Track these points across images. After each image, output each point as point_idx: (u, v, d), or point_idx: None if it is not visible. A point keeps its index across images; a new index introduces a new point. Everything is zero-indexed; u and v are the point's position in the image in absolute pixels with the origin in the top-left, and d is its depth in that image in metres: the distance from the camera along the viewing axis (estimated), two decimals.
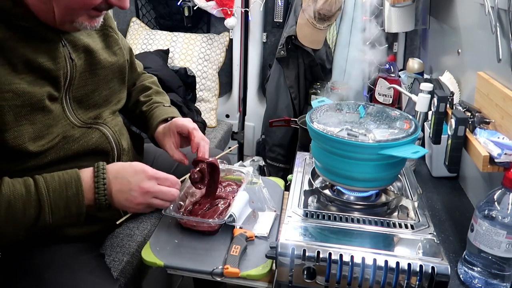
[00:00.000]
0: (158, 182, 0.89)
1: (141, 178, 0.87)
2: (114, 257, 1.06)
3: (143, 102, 1.19)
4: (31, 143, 0.84)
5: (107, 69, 1.02)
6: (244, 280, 0.91)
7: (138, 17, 2.41)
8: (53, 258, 0.90)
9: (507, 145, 0.88)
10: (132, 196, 0.87)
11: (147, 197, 0.88)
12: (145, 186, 0.87)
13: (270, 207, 1.09)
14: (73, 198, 0.83)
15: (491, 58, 1.01)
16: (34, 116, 0.84)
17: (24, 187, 0.80)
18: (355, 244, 0.84)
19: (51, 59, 0.87)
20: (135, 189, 0.87)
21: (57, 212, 0.82)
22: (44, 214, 0.80)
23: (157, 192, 0.89)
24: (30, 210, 0.79)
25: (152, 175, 0.89)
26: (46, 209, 0.80)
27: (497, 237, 0.79)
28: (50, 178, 0.83)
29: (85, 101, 0.97)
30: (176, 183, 0.93)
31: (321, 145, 0.97)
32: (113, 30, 1.06)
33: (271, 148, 2.16)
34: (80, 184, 0.83)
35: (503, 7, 0.96)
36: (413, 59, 1.73)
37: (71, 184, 0.83)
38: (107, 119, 1.02)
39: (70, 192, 0.83)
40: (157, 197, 0.89)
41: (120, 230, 1.15)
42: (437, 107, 1.09)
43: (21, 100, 0.81)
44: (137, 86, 1.24)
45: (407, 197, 1.01)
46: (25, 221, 0.79)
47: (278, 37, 2.23)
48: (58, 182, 0.83)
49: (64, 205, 0.82)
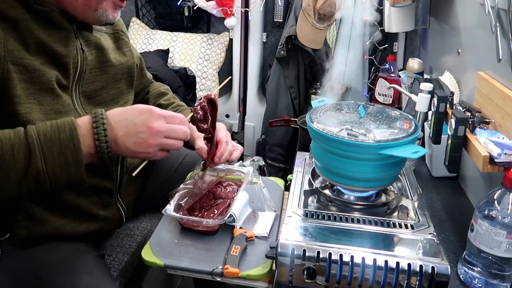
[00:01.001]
0: (166, 120, 0.82)
1: (148, 118, 0.80)
2: (114, 257, 1.06)
3: (166, 105, 1.20)
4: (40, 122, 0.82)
5: (116, 68, 1.03)
6: (244, 280, 0.91)
7: (138, 17, 2.41)
8: (53, 258, 0.90)
9: (507, 145, 0.88)
10: (141, 139, 0.80)
11: (158, 137, 0.81)
12: (154, 126, 0.80)
13: (270, 207, 1.09)
14: (67, 142, 0.76)
15: (491, 58, 1.01)
16: (42, 97, 0.84)
17: (12, 132, 0.76)
18: (355, 244, 0.84)
19: (63, 45, 0.88)
20: (144, 130, 0.80)
21: (51, 157, 0.75)
22: (35, 158, 0.74)
23: (167, 130, 0.82)
24: (20, 153, 0.74)
25: (159, 114, 0.82)
26: (37, 152, 0.75)
27: (497, 237, 0.79)
28: (42, 124, 0.78)
29: (93, 97, 0.98)
30: (184, 120, 0.86)
31: (321, 145, 0.97)
32: (124, 34, 1.09)
33: (271, 148, 2.16)
34: (74, 128, 0.77)
35: (503, 7, 0.96)
36: (413, 59, 1.73)
37: (64, 128, 0.77)
38: None
39: (63, 136, 0.76)
40: (169, 136, 0.82)
41: (120, 230, 1.15)
42: (437, 107, 1.09)
43: (29, 76, 0.82)
44: (153, 92, 1.25)
45: (407, 197, 1.01)
46: (15, 166, 0.74)
47: (278, 37, 2.23)
48: (50, 126, 0.77)
49: (57, 149, 0.76)
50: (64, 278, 0.85)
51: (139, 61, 1.21)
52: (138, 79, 1.18)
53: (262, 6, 2.12)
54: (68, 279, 0.85)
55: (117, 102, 1.05)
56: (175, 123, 0.84)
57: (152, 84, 1.29)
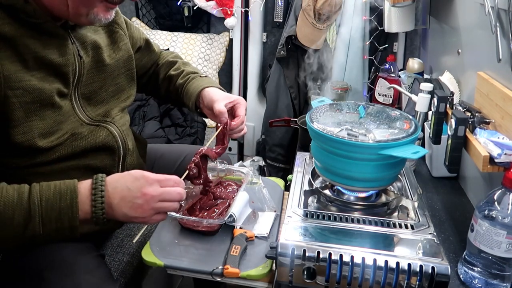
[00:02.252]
0: (160, 184, 0.85)
1: (142, 184, 0.83)
2: (114, 257, 1.06)
3: (177, 75, 1.21)
4: (40, 139, 0.84)
5: (112, 65, 1.03)
6: (244, 280, 0.91)
7: (138, 17, 2.41)
8: (53, 258, 0.90)
9: (507, 145, 0.88)
10: (137, 204, 0.83)
11: (152, 202, 0.84)
12: (148, 191, 0.83)
13: (270, 207, 1.09)
14: (66, 210, 0.80)
15: (491, 58, 1.01)
16: (44, 112, 0.85)
17: (17, 193, 0.78)
18: (355, 244, 0.84)
19: (61, 55, 0.88)
20: (138, 196, 0.83)
21: (48, 223, 0.79)
22: (34, 223, 0.78)
23: (161, 194, 0.85)
24: (20, 217, 0.77)
25: (153, 179, 0.85)
26: (36, 218, 0.78)
27: (497, 237, 0.79)
28: (46, 187, 0.81)
29: (93, 98, 0.98)
30: (179, 181, 0.89)
31: (321, 145, 0.97)
32: (119, 26, 1.08)
33: (271, 148, 2.16)
34: (75, 196, 0.80)
35: (503, 7, 0.96)
36: (413, 59, 1.73)
37: (66, 195, 0.80)
38: (116, 118, 1.03)
39: (63, 204, 0.80)
40: (164, 199, 0.85)
41: (120, 230, 1.15)
42: (437, 107, 1.09)
43: (31, 96, 0.82)
44: (162, 63, 1.26)
45: (407, 197, 1.01)
46: (13, 227, 0.77)
47: (278, 37, 2.23)
48: (53, 191, 0.80)
49: (56, 216, 0.79)
50: (64, 278, 0.85)
51: (143, 41, 1.20)
52: (147, 56, 1.22)
53: (262, 6, 2.12)
54: (69, 279, 0.85)
55: (118, 98, 1.05)
56: (169, 185, 0.86)
57: (161, 54, 1.29)
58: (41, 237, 0.80)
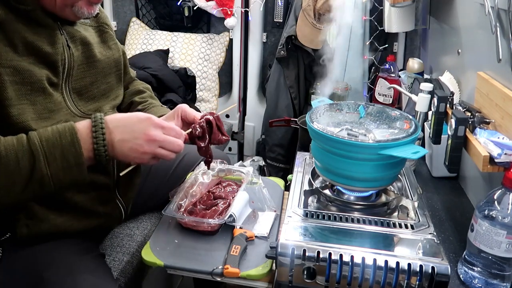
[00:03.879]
0: (163, 131, 0.85)
1: (147, 125, 0.84)
2: (114, 257, 1.06)
3: (139, 102, 1.18)
4: (34, 122, 0.84)
5: (103, 62, 1.03)
6: (244, 280, 0.91)
7: (138, 17, 2.41)
8: (53, 258, 0.90)
9: (507, 145, 0.88)
10: (137, 145, 0.83)
11: (153, 146, 0.84)
12: (151, 134, 0.83)
13: (270, 207, 1.09)
14: (69, 147, 0.79)
15: (491, 58, 1.01)
16: (34, 97, 0.85)
17: (15, 139, 0.78)
18: (355, 244, 0.84)
19: (50, 44, 0.89)
20: (141, 137, 0.83)
21: (54, 162, 0.78)
22: (39, 163, 0.77)
23: (163, 141, 0.85)
24: (24, 160, 0.76)
25: (158, 123, 0.85)
26: (40, 157, 0.77)
27: (497, 237, 0.79)
28: (43, 130, 0.81)
29: (84, 93, 0.99)
30: (181, 134, 0.89)
31: (321, 145, 0.97)
32: (108, 27, 1.09)
33: (271, 148, 2.16)
34: (74, 132, 0.80)
35: (503, 7, 0.96)
36: (413, 59, 1.73)
37: (65, 133, 0.80)
38: (108, 113, 1.03)
39: (64, 141, 0.79)
40: (163, 147, 0.85)
41: (120, 230, 1.15)
42: (437, 107, 1.09)
43: (20, 77, 0.83)
44: (130, 89, 1.24)
45: (407, 197, 1.01)
46: (20, 172, 0.76)
47: (278, 37, 2.23)
48: (51, 132, 0.80)
49: (60, 154, 0.78)
50: (64, 277, 0.85)
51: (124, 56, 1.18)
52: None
53: (262, 6, 2.12)
54: (69, 278, 0.85)
55: (107, 96, 1.06)
56: (171, 135, 0.86)
57: (134, 82, 1.28)
58: (50, 180, 0.79)
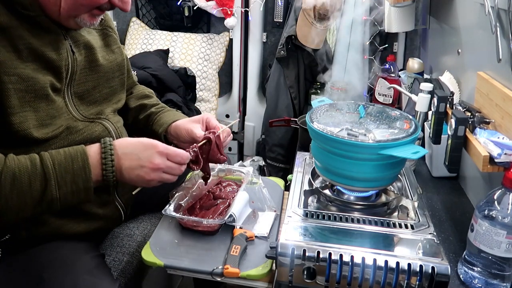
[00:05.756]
0: (168, 158, 0.89)
1: (152, 154, 0.87)
2: (114, 257, 1.06)
3: (151, 105, 1.19)
4: (35, 129, 0.85)
5: (106, 67, 1.03)
6: (244, 280, 0.91)
7: (138, 17, 2.41)
8: (53, 258, 0.90)
9: (507, 145, 0.88)
10: (144, 172, 0.87)
11: (158, 173, 0.88)
12: (156, 162, 0.87)
13: (270, 207, 1.09)
14: (80, 172, 0.82)
15: (491, 58, 1.01)
16: (37, 104, 0.86)
17: (29, 161, 0.80)
18: (355, 244, 0.84)
19: (54, 49, 0.89)
20: (146, 165, 0.87)
21: (64, 186, 0.81)
22: (50, 187, 0.80)
23: (167, 167, 0.89)
24: (36, 182, 0.79)
25: (162, 151, 0.88)
26: (52, 181, 0.80)
27: (497, 237, 0.79)
28: (56, 153, 0.83)
29: (86, 97, 0.99)
30: (186, 158, 0.92)
31: (321, 145, 0.97)
32: (112, 31, 1.09)
33: (271, 148, 2.16)
34: (86, 158, 0.83)
35: (503, 7, 0.96)
36: (413, 59, 1.73)
37: (77, 158, 0.83)
38: (109, 115, 1.04)
39: (76, 166, 0.82)
40: (167, 172, 0.90)
41: (120, 230, 1.15)
42: (437, 107, 1.09)
43: (25, 84, 0.83)
44: (136, 93, 1.24)
45: (407, 197, 1.01)
46: (32, 194, 0.79)
47: (278, 37, 2.23)
48: (64, 156, 0.83)
49: (70, 178, 0.82)
50: (64, 278, 0.85)
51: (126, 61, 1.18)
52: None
53: (262, 6, 2.12)
54: (69, 279, 0.85)
55: (110, 100, 1.06)
56: (175, 161, 0.90)
57: (137, 86, 1.28)
58: (58, 202, 0.82)
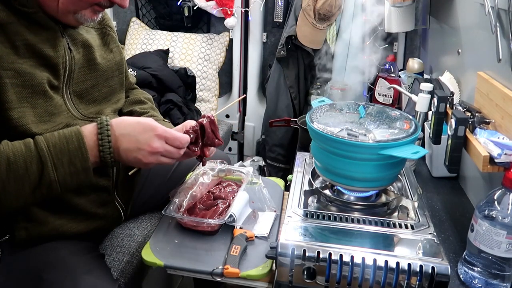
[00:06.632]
0: (167, 141, 0.88)
1: (150, 137, 0.86)
2: (114, 257, 1.06)
3: (140, 113, 1.16)
4: (34, 125, 0.85)
5: (104, 65, 1.03)
6: (244, 280, 0.91)
7: (138, 17, 2.41)
8: (53, 258, 0.90)
9: (507, 145, 0.88)
10: (142, 155, 0.86)
11: (156, 156, 0.87)
12: (155, 146, 0.86)
13: (270, 207, 1.09)
14: (76, 152, 0.81)
15: (491, 58, 1.01)
16: (35, 100, 0.85)
17: (23, 145, 0.79)
18: (355, 244, 0.84)
19: (51, 46, 0.89)
20: (145, 148, 0.85)
21: (61, 167, 0.80)
22: (47, 169, 0.79)
23: (165, 151, 0.88)
24: (32, 166, 0.78)
25: (161, 134, 0.87)
26: (48, 164, 0.79)
27: (497, 237, 0.79)
28: (50, 135, 0.82)
29: (85, 96, 0.98)
30: (185, 142, 0.91)
31: (321, 145, 0.97)
32: (111, 30, 1.08)
33: (271, 148, 2.16)
34: (81, 138, 0.82)
35: (503, 7, 0.96)
36: (413, 59, 1.73)
37: (72, 138, 0.81)
38: (109, 115, 1.02)
39: (71, 146, 0.81)
40: (165, 156, 0.89)
41: (120, 230, 1.15)
42: (437, 107, 1.09)
43: (22, 80, 0.83)
44: (131, 98, 1.21)
45: (407, 197, 1.01)
46: (29, 178, 0.78)
47: (278, 37, 2.22)
48: (58, 137, 0.81)
49: (67, 160, 0.80)
50: (64, 278, 0.85)
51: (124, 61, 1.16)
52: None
53: (262, 6, 2.12)
54: (68, 279, 0.85)
55: (109, 100, 1.05)
56: (175, 145, 0.89)
57: (134, 90, 1.25)
58: (58, 184, 0.81)
